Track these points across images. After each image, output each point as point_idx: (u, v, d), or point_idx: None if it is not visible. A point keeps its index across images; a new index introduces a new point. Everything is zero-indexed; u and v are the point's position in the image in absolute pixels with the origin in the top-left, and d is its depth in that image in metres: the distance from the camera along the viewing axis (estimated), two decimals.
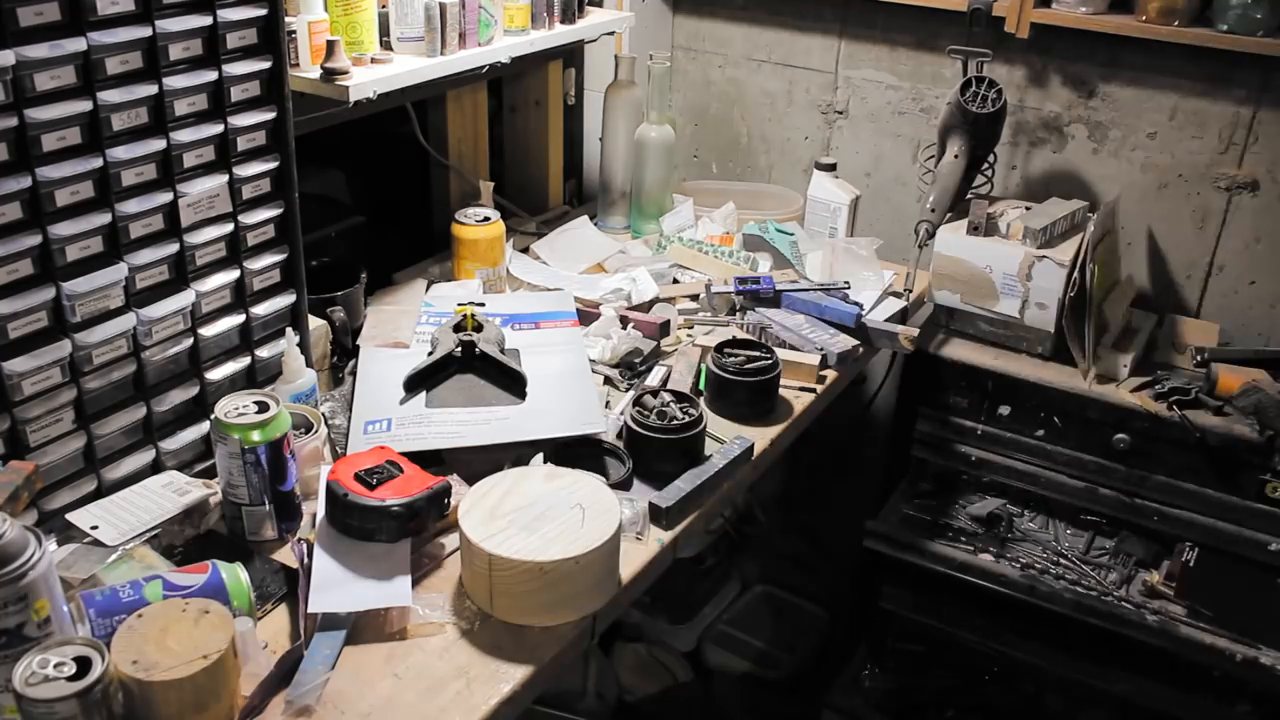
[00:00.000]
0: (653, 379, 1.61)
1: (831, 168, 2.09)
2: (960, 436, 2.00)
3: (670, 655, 2.54)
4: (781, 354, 1.67)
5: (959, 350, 1.97)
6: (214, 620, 1.01)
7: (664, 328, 1.73)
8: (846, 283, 1.87)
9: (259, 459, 1.22)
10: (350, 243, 1.90)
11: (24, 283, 1.13)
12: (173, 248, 1.26)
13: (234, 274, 1.34)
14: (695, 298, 1.89)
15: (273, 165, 1.35)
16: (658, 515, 1.34)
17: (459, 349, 1.52)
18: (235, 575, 1.11)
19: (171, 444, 1.33)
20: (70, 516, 1.22)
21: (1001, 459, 1.97)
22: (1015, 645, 2.07)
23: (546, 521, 1.18)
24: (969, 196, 2.03)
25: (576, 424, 1.43)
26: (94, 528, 1.21)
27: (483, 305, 1.68)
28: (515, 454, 1.40)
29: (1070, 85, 2.05)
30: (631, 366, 1.65)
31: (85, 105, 1.13)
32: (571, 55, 2.21)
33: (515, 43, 1.81)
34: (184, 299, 1.28)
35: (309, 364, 1.46)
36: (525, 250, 2.03)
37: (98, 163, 1.15)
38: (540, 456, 1.39)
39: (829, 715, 2.25)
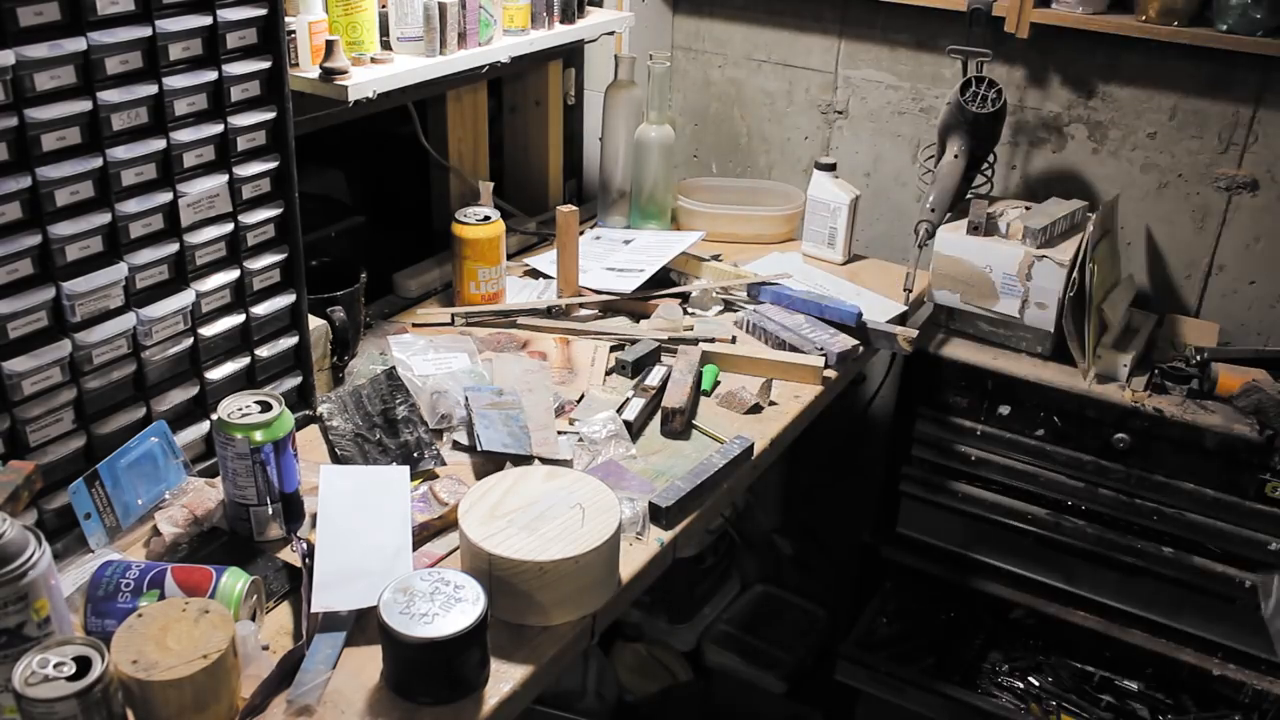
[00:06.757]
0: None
1: (831, 167, 2.09)
2: (960, 436, 1.99)
3: (670, 655, 2.54)
4: (781, 355, 1.67)
5: (959, 350, 1.97)
6: (214, 620, 1.01)
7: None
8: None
9: (264, 459, 1.22)
10: (350, 243, 1.90)
11: (24, 282, 1.13)
12: (173, 247, 1.26)
13: (234, 274, 1.34)
14: (685, 297, 1.89)
15: (273, 165, 1.35)
16: (658, 515, 1.34)
17: None
18: (230, 586, 1.11)
19: None
20: None
21: (1001, 459, 1.97)
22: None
23: (546, 521, 1.18)
24: (969, 196, 2.03)
25: None
26: None
27: None
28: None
29: (1070, 85, 2.04)
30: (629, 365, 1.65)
31: (85, 105, 1.13)
32: (571, 55, 2.21)
33: (515, 43, 1.81)
34: (184, 299, 1.28)
35: (309, 363, 1.46)
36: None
37: (98, 162, 1.15)
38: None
39: (829, 715, 2.25)
